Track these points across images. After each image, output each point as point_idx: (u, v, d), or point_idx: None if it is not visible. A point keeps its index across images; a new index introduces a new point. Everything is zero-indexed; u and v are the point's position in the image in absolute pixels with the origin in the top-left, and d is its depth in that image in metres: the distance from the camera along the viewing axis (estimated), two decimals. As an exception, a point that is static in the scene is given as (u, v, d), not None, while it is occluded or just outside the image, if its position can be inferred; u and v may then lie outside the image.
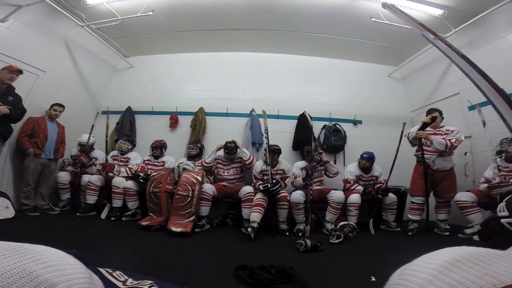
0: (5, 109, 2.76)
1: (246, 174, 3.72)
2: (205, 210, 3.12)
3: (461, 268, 0.26)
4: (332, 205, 3.13)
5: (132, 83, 4.90)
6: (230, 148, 3.49)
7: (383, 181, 3.42)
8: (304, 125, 4.11)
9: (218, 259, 2.03)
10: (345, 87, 4.76)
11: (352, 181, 3.46)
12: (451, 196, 3.01)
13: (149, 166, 3.75)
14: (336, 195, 3.13)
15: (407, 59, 4.34)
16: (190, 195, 2.96)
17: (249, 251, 2.32)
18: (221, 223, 3.37)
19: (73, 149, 3.84)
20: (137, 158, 3.81)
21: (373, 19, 3.50)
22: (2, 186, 3.14)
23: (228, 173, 3.58)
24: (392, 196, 3.33)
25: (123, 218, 3.23)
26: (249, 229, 2.61)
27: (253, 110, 4.43)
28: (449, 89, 3.87)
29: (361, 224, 3.11)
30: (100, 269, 1.22)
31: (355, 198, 3.19)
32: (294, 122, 4.40)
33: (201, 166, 3.53)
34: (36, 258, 0.29)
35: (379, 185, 3.40)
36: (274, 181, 3.07)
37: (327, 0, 3.46)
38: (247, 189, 3.21)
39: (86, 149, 3.72)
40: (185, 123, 4.53)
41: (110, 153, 3.88)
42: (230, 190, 3.44)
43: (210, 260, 2.00)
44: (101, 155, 3.83)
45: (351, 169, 3.53)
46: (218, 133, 4.33)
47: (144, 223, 2.88)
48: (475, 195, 2.83)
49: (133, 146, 3.94)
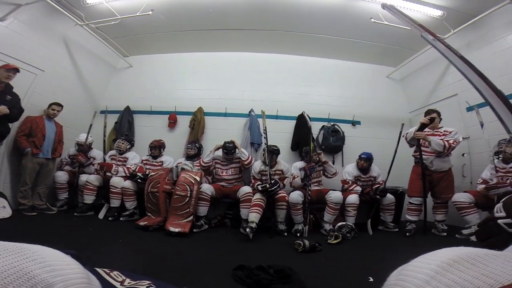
0: (5, 109, 2.75)
1: (244, 174, 3.71)
2: (203, 210, 3.12)
3: (458, 268, 0.26)
4: (330, 205, 3.14)
5: (131, 83, 4.89)
6: (229, 148, 3.49)
7: (381, 182, 3.43)
8: (302, 125, 4.11)
9: (217, 259, 2.03)
10: (344, 87, 4.77)
11: (350, 182, 3.46)
12: (449, 197, 3.03)
13: (147, 166, 3.73)
14: (334, 195, 3.13)
15: (406, 60, 4.36)
16: (189, 195, 2.95)
17: (247, 251, 2.32)
18: (220, 223, 3.36)
19: (71, 148, 3.83)
20: (135, 157, 3.79)
21: (372, 19, 3.51)
22: (-1, 185, 3.13)
23: (227, 173, 3.58)
24: (390, 196, 3.34)
25: (121, 218, 3.22)
26: (248, 229, 2.61)
27: (252, 110, 4.43)
28: (447, 90, 3.89)
29: (359, 224, 3.11)
30: (98, 270, 1.22)
31: (353, 198, 3.20)
32: (293, 122, 4.40)
33: (199, 166, 3.53)
34: (33, 258, 0.29)
35: (377, 185, 3.42)
36: (272, 181, 3.07)
37: (327, 1, 3.47)
38: (245, 190, 3.21)
39: (84, 148, 3.71)
40: (183, 123, 4.52)
41: (108, 152, 3.88)
42: (228, 190, 3.44)
43: (209, 260, 2.00)
44: (99, 154, 3.81)
45: (350, 170, 3.54)
46: (216, 133, 4.33)
47: (142, 223, 2.87)
48: (472, 196, 2.84)
49: (131, 145, 3.92)
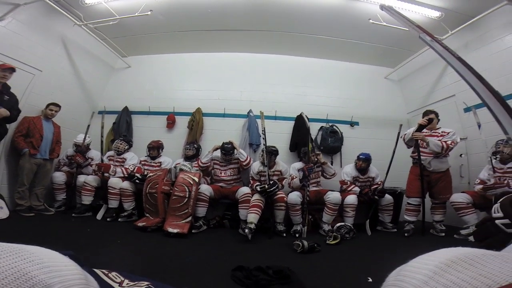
0: (5, 111, 2.73)
1: (243, 175, 3.72)
2: (202, 211, 3.11)
3: (456, 269, 0.26)
4: (329, 206, 3.14)
5: (129, 83, 4.87)
6: (227, 149, 3.48)
7: (379, 183, 3.44)
8: (301, 126, 4.11)
9: (215, 260, 2.02)
10: (342, 88, 4.78)
11: (348, 182, 3.47)
12: (447, 197, 3.04)
13: (145, 167, 3.72)
14: (333, 196, 3.14)
15: (404, 61, 4.38)
16: (187, 196, 2.95)
17: (246, 252, 2.32)
18: (218, 224, 3.36)
19: (68, 149, 3.81)
20: (134, 158, 3.79)
21: (370, 20, 3.52)
22: (-3, 186, 3.11)
23: (225, 174, 3.57)
24: (388, 197, 3.35)
25: (119, 219, 3.20)
26: (246, 230, 2.61)
27: (250, 111, 4.43)
28: (445, 91, 3.91)
29: (357, 225, 3.12)
30: (96, 270, 1.21)
31: (351, 199, 3.20)
32: (292, 123, 4.40)
33: (198, 166, 3.53)
34: (31, 259, 0.28)
35: (375, 186, 3.42)
36: (271, 182, 3.07)
37: (325, 2, 3.48)
38: (244, 190, 3.21)
39: (82, 149, 3.70)
40: (182, 123, 4.52)
41: (106, 153, 3.86)
42: (227, 191, 3.44)
43: (207, 261, 1.99)
44: (97, 155, 3.80)
45: (348, 170, 3.55)
46: (215, 134, 4.33)
47: (140, 224, 2.86)
48: (470, 196, 2.85)
49: (129, 146, 3.91)
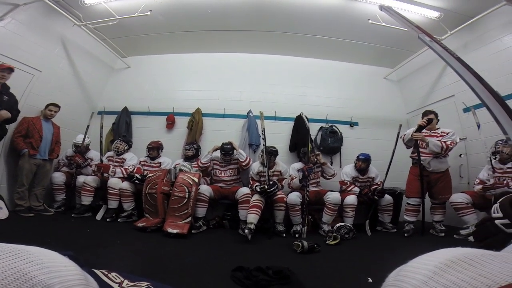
0: (7, 113, 2.73)
1: (243, 175, 3.72)
2: (201, 211, 3.11)
3: (456, 269, 0.26)
4: (329, 206, 3.14)
5: (129, 84, 4.87)
6: (227, 150, 3.48)
7: (379, 183, 3.44)
8: (301, 126, 4.11)
9: (215, 261, 2.02)
10: (341, 89, 4.78)
11: (348, 183, 3.47)
12: (446, 198, 3.04)
13: (145, 167, 3.72)
14: (333, 196, 3.14)
15: (403, 61, 4.38)
16: (187, 196, 2.94)
17: (246, 252, 2.32)
18: (218, 225, 3.36)
19: (68, 149, 3.81)
20: (133, 158, 3.78)
21: (370, 21, 3.52)
22: (-4, 186, 3.11)
23: (225, 174, 3.57)
24: (388, 197, 3.35)
25: (119, 220, 3.20)
26: (246, 231, 2.61)
27: (250, 111, 4.43)
28: (444, 91, 3.91)
29: (357, 225, 3.12)
30: (96, 271, 1.21)
31: (351, 199, 3.20)
32: (291, 123, 4.40)
33: (197, 166, 3.52)
34: (31, 260, 0.28)
35: (375, 186, 3.42)
36: (271, 182, 3.07)
37: (325, 2, 3.48)
38: (244, 191, 3.21)
39: (81, 150, 3.69)
40: (182, 124, 4.51)
41: (106, 153, 3.86)
42: (226, 191, 3.44)
43: (207, 261, 1.99)
44: (96, 155, 3.79)
45: (348, 171, 3.55)
46: (215, 134, 4.33)
47: (140, 224, 2.86)
48: (470, 197, 2.86)
49: (129, 146, 3.91)
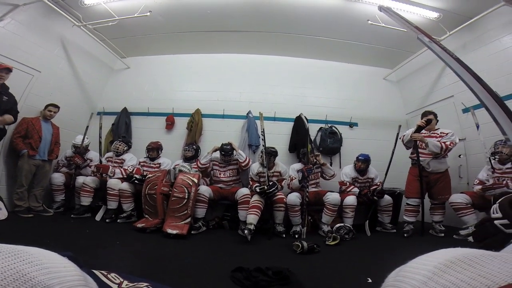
0: (10, 118, 2.73)
1: (242, 176, 3.71)
2: (201, 212, 3.11)
3: (455, 269, 0.26)
4: (328, 207, 3.14)
5: (128, 84, 4.87)
6: (226, 150, 3.48)
7: (378, 183, 3.44)
8: (300, 127, 4.12)
9: (215, 261, 2.02)
10: (341, 89, 4.79)
11: (348, 183, 3.47)
12: (446, 198, 3.04)
13: (145, 168, 3.71)
14: (332, 197, 3.14)
15: (403, 62, 4.39)
16: (186, 197, 2.94)
17: (245, 253, 2.32)
18: (218, 225, 3.35)
19: (67, 150, 3.80)
20: (132, 159, 3.78)
21: (369, 21, 3.52)
22: (-5, 187, 3.10)
23: (225, 175, 3.57)
24: (387, 198, 3.35)
25: (118, 220, 3.20)
26: (246, 231, 2.61)
27: (249, 112, 4.43)
28: (443, 91, 3.92)
29: (357, 226, 3.12)
30: (95, 271, 1.21)
31: (351, 200, 3.20)
32: (291, 124, 4.41)
33: (197, 167, 3.52)
34: (30, 260, 0.28)
35: (374, 187, 3.42)
36: (270, 183, 3.07)
37: (324, 3, 3.49)
38: (243, 191, 3.20)
39: (81, 150, 3.69)
40: (181, 124, 4.51)
41: (105, 154, 3.86)
42: (226, 192, 3.43)
43: (207, 262, 1.99)
44: (95, 156, 3.79)
45: (347, 171, 3.55)
46: (214, 135, 4.33)
47: (139, 225, 2.86)
48: (469, 197, 2.86)
49: (128, 147, 3.90)
